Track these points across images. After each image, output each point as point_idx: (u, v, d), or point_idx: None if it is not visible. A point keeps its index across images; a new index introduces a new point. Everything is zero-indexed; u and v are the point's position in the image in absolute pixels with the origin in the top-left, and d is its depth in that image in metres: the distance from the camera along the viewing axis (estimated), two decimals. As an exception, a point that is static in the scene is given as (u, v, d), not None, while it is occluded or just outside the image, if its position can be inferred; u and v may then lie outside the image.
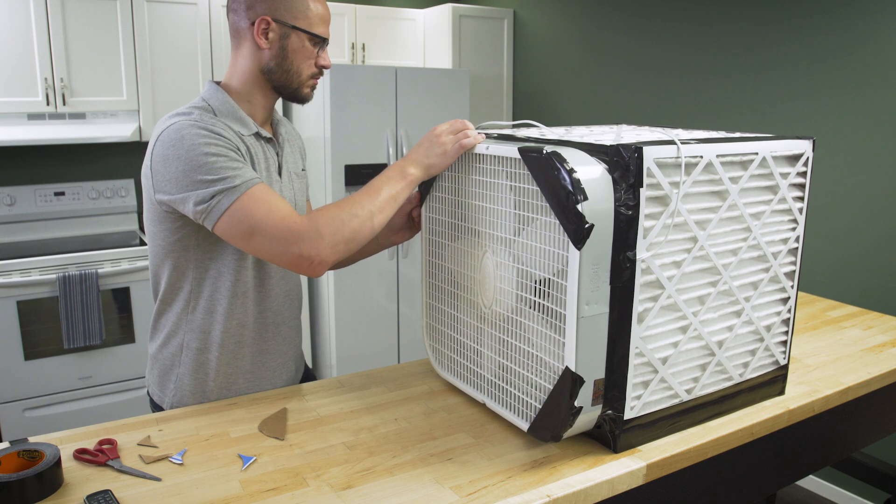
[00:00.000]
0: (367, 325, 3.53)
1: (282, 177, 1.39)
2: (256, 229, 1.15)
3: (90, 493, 0.97)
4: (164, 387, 1.38)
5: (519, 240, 1.12)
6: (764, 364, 1.31)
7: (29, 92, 3.00)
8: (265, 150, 1.35)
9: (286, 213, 1.17)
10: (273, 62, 1.31)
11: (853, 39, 2.53)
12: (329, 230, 1.15)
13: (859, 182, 2.56)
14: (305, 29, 1.30)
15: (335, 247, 1.16)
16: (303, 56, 1.32)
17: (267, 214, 1.15)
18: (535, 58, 4.05)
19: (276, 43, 1.30)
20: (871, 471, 1.93)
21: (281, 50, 1.30)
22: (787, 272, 1.30)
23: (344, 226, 1.16)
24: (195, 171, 1.16)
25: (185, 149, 1.17)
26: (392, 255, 3.53)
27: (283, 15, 1.29)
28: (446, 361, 1.37)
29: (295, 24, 1.30)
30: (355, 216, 1.18)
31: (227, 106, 1.30)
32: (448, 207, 1.31)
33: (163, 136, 1.21)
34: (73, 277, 2.88)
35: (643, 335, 1.10)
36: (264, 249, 1.16)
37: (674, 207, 1.07)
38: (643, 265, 1.06)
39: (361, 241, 1.19)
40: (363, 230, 1.18)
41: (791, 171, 1.24)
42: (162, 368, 1.38)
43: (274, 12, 1.29)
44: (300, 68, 1.33)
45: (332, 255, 1.16)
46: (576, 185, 0.98)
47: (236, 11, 1.31)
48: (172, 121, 1.22)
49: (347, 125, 3.30)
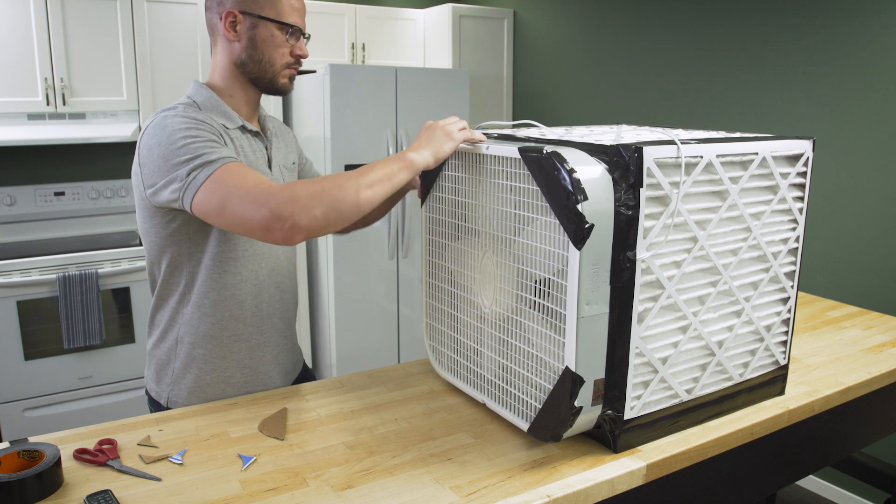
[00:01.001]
0: (367, 325, 3.53)
1: (272, 169, 1.40)
2: (230, 196, 1.10)
3: (90, 493, 0.97)
4: (160, 382, 1.39)
5: (519, 240, 1.12)
6: (764, 364, 1.31)
7: (29, 92, 3.00)
8: (252, 143, 1.36)
9: (261, 179, 1.12)
10: (244, 54, 1.33)
11: (853, 40, 2.53)
12: (306, 193, 1.08)
13: (859, 182, 2.56)
14: (273, 18, 1.31)
15: (310, 212, 1.07)
16: (272, 45, 1.33)
17: (242, 180, 1.11)
18: (535, 58, 4.05)
19: (244, 34, 1.32)
20: (871, 471, 1.93)
21: (250, 41, 1.32)
22: (787, 272, 1.30)
23: (324, 193, 1.09)
24: (174, 154, 1.16)
25: (167, 135, 1.18)
26: (392, 254, 3.53)
27: (249, 6, 1.31)
28: (446, 361, 1.37)
29: (261, 14, 1.31)
30: (339, 186, 1.10)
31: (212, 101, 1.32)
32: (448, 207, 1.31)
33: (147, 130, 1.23)
34: (73, 277, 2.88)
35: (643, 335, 1.10)
36: (237, 216, 1.09)
37: (674, 207, 1.07)
38: (643, 265, 1.06)
39: (345, 215, 1.11)
40: (346, 202, 1.10)
41: (791, 171, 1.24)
42: (158, 364, 1.40)
43: (240, 4, 1.31)
44: (272, 58, 1.33)
45: (307, 221, 1.07)
46: (576, 185, 0.98)
47: (210, 9, 1.34)
48: (158, 114, 1.25)
49: (347, 125, 3.30)
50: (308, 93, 3.47)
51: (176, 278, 1.34)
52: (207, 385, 1.37)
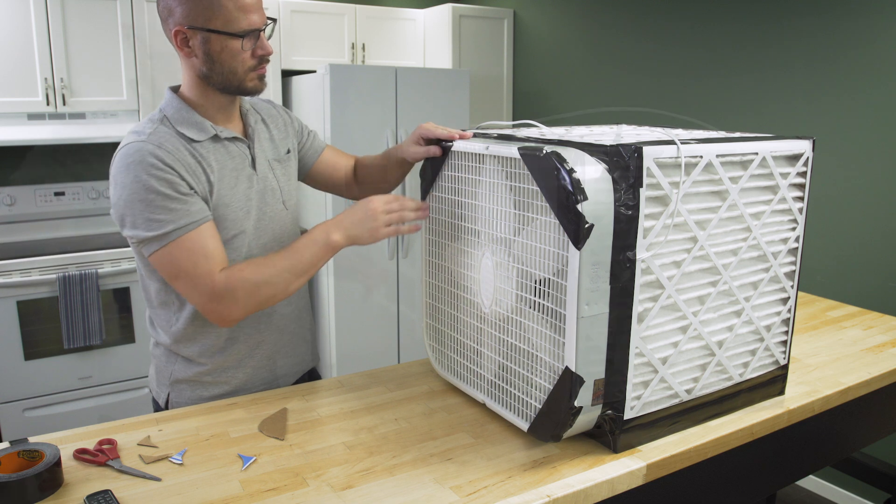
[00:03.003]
0: (367, 325, 3.53)
1: (256, 169, 1.37)
2: (178, 276, 1.23)
3: (90, 493, 0.97)
4: (160, 383, 1.40)
5: (519, 240, 1.12)
6: (764, 364, 1.31)
7: (29, 92, 3.00)
8: (230, 148, 1.33)
9: (209, 269, 1.22)
10: (205, 67, 1.27)
11: (853, 39, 2.53)
12: (244, 294, 1.23)
13: (859, 182, 2.56)
14: (222, 30, 1.23)
15: (247, 308, 1.25)
16: (229, 56, 1.26)
17: (193, 267, 1.21)
18: (535, 58, 4.05)
19: (199, 49, 1.25)
20: (871, 471, 1.93)
21: (206, 55, 1.26)
22: (787, 272, 1.30)
23: (259, 291, 1.24)
24: (135, 204, 1.20)
25: (131, 179, 1.20)
26: (392, 254, 3.53)
27: (195, 20, 1.23)
28: (446, 361, 1.37)
29: (209, 27, 1.23)
30: (271, 284, 1.24)
31: (182, 113, 1.29)
32: (448, 207, 1.31)
33: (117, 156, 1.23)
34: (73, 277, 2.88)
35: (643, 335, 1.10)
36: (185, 294, 1.25)
37: (674, 207, 1.07)
38: (643, 265, 1.06)
39: (275, 302, 1.28)
40: (277, 296, 1.26)
41: (791, 172, 1.24)
42: (157, 367, 1.40)
43: (188, 19, 1.23)
44: (233, 67, 1.27)
45: (240, 313, 1.25)
46: (576, 185, 0.98)
47: (164, 22, 1.28)
48: (128, 140, 1.24)
49: (347, 125, 3.30)
50: (308, 93, 3.47)
51: (164, 297, 1.34)
52: (205, 387, 1.37)
